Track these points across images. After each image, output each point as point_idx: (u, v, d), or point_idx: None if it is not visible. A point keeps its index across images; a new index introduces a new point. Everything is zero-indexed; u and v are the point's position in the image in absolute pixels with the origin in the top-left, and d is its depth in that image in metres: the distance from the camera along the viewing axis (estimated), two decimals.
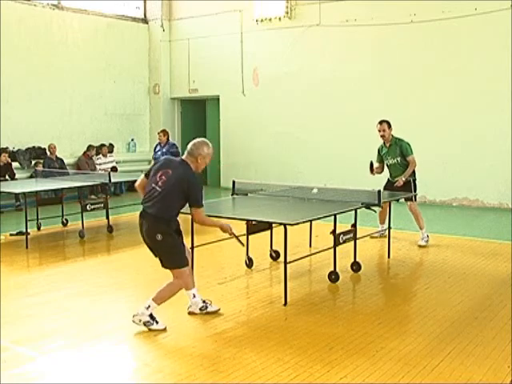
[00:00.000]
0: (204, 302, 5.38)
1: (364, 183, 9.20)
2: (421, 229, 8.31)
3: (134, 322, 4.96)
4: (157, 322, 4.95)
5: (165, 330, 4.95)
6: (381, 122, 8.33)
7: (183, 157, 5.05)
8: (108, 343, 4.76)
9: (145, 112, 16.14)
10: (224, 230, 5.23)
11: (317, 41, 13.48)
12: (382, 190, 6.82)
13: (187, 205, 4.99)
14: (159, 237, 4.89)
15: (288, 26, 13.81)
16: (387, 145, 8.33)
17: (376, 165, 8.47)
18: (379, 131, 8.30)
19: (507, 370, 4.13)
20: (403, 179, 8.07)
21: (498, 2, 11.15)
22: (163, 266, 5.06)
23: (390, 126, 8.29)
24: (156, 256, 5.09)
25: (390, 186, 8.30)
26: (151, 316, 4.94)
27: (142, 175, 5.21)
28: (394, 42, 12.51)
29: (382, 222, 8.50)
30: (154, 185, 4.96)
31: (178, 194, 4.88)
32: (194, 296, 5.35)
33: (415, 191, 8.13)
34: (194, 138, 5.16)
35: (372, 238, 8.34)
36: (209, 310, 5.37)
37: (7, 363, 4.29)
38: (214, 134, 15.59)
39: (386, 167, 8.52)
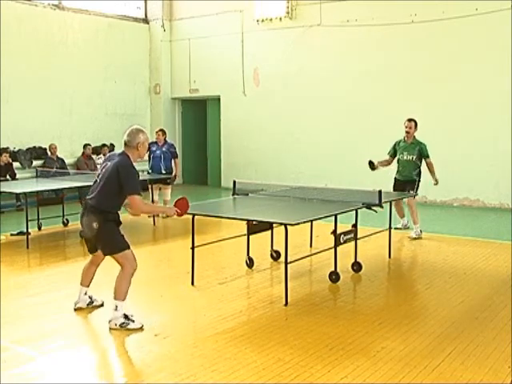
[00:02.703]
0: (90, 297, 5.46)
1: (365, 183, 9.22)
2: (414, 224, 8.67)
3: (110, 328, 4.93)
4: (133, 321, 4.96)
5: (141, 328, 4.94)
6: (410, 120, 8.82)
7: (123, 149, 5.12)
8: (108, 343, 4.75)
9: (145, 112, 16.14)
10: (170, 214, 5.29)
11: (317, 41, 13.48)
12: (387, 191, 6.98)
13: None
14: (95, 225, 4.95)
15: (289, 26, 13.81)
16: (408, 142, 8.72)
17: (386, 157, 8.83)
18: (406, 127, 8.73)
19: (507, 370, 4.13)
20: (436, 178, 8.74)
21: (498, 3, 11.15)
22: (103, 253, 5.11)
23: (416, 125, 8.75)
24: (91, 249, 5.23)
25: (399, 187, 8.65)
26: (125, 316, 4.95)
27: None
28: (395, 42, 12.51)
29: (402, 216, 9.02)
30: (96, 178, 5.13)
31: (113, 183, 4.93)
32: (86, 293, 5.47)
33: (417, 188, 8.71)
34: (194, 139, 5.22)
35: (396, 229, 8.53)
36: (94, 304, 5.50)
37: (7, 363, 4.29)
38: (214, 134, 15.61)
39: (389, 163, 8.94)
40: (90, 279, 5.45)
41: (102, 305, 5.53)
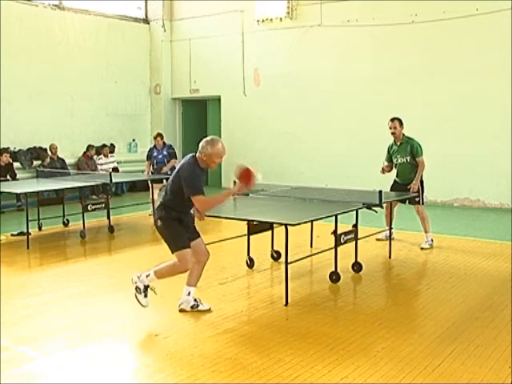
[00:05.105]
0: (195, 300, 5.44)
1: (365, 183, 9.21)
2: (426, 232, 8.18)
3: (132, 279, 5.19)
4: (145, 296, 5.15)
5: (146, 305, 5.16)
6: (392, 120, 8.15)
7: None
8: (109, 343, 4.76)
9: (146, 112, 16.14)
10: (234, 194, 5.32)
11: (318, 41, 13.48)
12: (388, 191, 6.76)
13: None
14: (159, 223, 5.19)
15: (289, 27, 13.81)
16: (398, 143, 8.16)
17: (385, 163, 8.32)
18: (390, 128, 8.12)
19: (508, 370, 4.13)
20: (416, 184, 7.92)
21: (499, 3, 11.15)
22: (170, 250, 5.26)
23: (401, 123, 8.12)
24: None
25: (396, 188, 8.17)
26: (145, 287, 5.14)
27: None
28: (395, 42, 12.51)
29: (387, 224, 8.29)
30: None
31: (177, 183, 5.10)
32: (189, 294, 5.42)
33: (423, 192, 8.09)
34: (194, 139, 5.25)
35: (378, 240, 8.33)
36: (200, 308, 5.43)
37: (7, 363, 4.30)
38: (215, 135, 15.22)
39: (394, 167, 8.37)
40: (193, 278, 5.40)
41: (209, 310, 5.45)
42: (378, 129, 12.41)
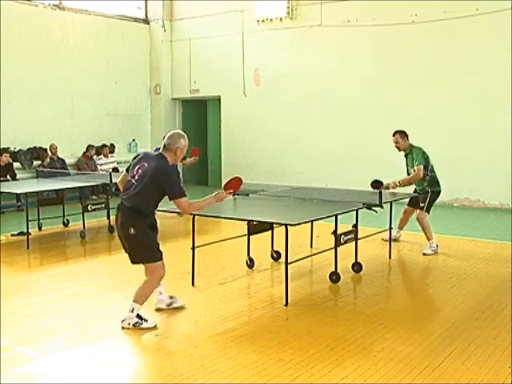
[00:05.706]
0: (171, 297, 5.48)
1: (365, 183, 9.19)
2: (428, 240, 7.93)
3: (123, 327, 4.96)
4: (146, 321, 5.00)
5: (155, 327, 4.99)
6: (393, 134, 7.98)
7: (160, 150, 5.03)
8: (109, 343, 4.76)
9: (146, 112, 16.13)
10: (220, 200, 5.25)
11: (318, 41, 13.48)
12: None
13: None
14: (132, 230, 4.86)
15: (289, 27, 13.80)
16: (405, 154, 8.06)
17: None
18: (393, 142, 7.98)
19: (508, 370, 4.13)
20: (397, 183, 7.70)
21: (499, 3, 11.15)
22: (132, 261, 5.03)
23: (403, 136, 7.92)
24: (126, 251, 5.03)
25: (414, 197, 8.03)
26: (139, 316, 4.98)
27: (124, 171, 5.22)
28: (395, 43, 12.50)
29: (400, 228, 8.40)
30: (130, 178, 4.97)
31: (153, 187, 4.84)
32: (161, 293, 5.45)
33: (430, 202, 7.92)
34: (195, 139, 5.19)
35: (383, 240, 8.24)
36: (174, 305, 5.47)
37: (7, 363, 4.29)
38: (215, 135, 15.61)
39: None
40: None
41: (182, 307, 5.49)
42: (378, 129, 12.45)
